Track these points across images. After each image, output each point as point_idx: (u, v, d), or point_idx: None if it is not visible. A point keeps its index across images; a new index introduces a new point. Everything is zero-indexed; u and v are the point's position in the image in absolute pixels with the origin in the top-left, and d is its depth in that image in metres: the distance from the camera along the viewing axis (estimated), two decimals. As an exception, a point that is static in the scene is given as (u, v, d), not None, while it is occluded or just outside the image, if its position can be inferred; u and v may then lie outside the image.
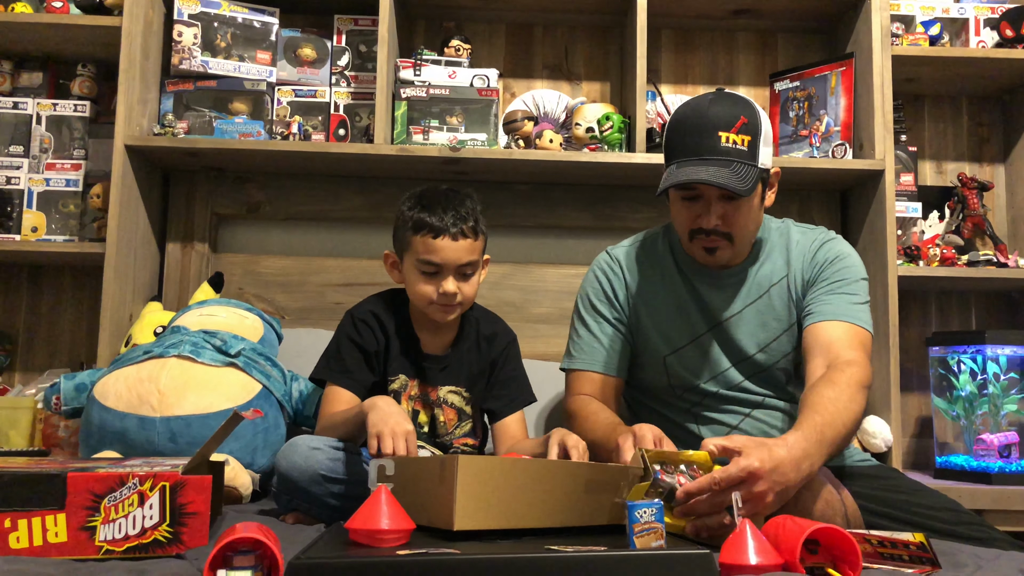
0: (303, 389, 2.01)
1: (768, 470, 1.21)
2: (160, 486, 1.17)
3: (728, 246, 1.64)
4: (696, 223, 1.62)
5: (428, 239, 1.64)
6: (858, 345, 1.56)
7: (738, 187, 1.52)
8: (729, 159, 1.54)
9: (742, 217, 1.61)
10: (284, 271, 2.49)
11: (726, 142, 1.54)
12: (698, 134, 1.56)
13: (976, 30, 2.48)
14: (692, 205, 1.62)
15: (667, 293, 1.73)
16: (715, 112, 1.57)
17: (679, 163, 1.58)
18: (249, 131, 2.32)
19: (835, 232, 1.77)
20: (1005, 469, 2.15)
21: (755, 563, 1.04)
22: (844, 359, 1.51)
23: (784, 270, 1.72)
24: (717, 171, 1.53)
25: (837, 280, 1.66)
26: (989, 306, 2.63)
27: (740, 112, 1.57)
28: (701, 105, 1.60)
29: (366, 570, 0.96)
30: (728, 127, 1.55)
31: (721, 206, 1.59)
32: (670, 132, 1.63)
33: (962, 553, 1.26)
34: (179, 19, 2.34)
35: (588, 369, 1.74)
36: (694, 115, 1.59)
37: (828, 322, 1.60)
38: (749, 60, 2.67)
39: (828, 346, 1.55)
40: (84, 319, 2.52)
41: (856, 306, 1.63)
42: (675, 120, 1.63)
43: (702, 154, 1.55)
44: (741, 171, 1.54)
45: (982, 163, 2.69)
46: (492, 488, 1.13)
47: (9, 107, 2.41)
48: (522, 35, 2.66)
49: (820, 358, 1.55)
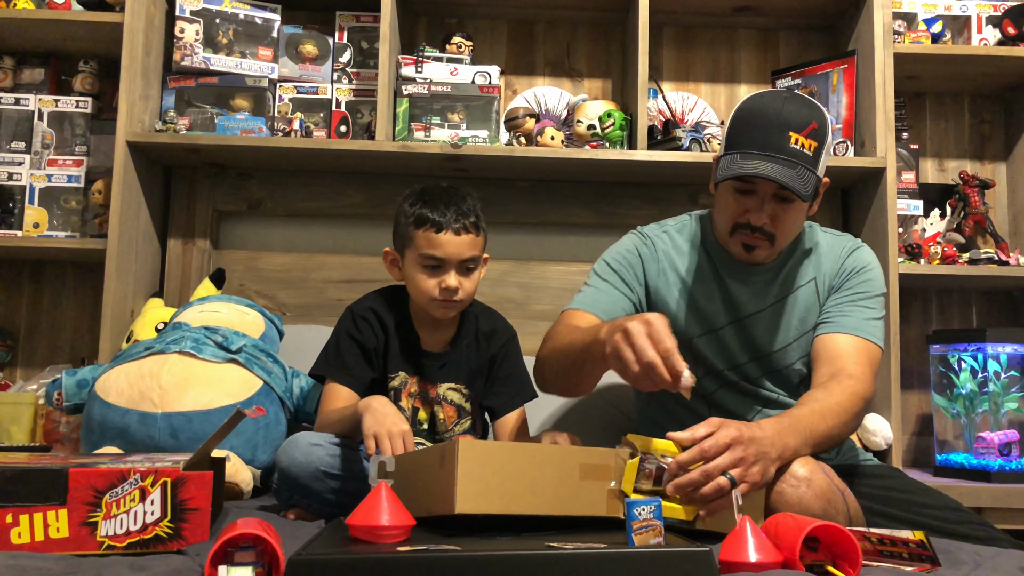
0: (304, 385, 2.01)
1: (747, 438, 1.25)
2: (161, 482, 1.17)
3: (768, 246, 1.62)
4: (744, 217, 1.59)
5: (431, 234, 1.64)
6: (865, 361, 1.57)
7: (800, 190, 1.49)
8: (795, 161, 1.51)
9: (790, 220, 1.59)
10: (285, 267, 2.49)
11: (795, 143, 1.51)
12: (767, 130, 1.53)
13: (978, 28, 2.48)
14: (743, 199, 1.59)
15: (694, 281, 1.71)
16: (788, 111, 1.53)
17: (743, 154, 1.54)
18: (251, 128, 2.32)
19: (860, 240, 1.76)
20: (1005, 467, 2.15)
21: (755, 560, 1.05)
22: (847, 372, 1.52)
23: (812, 274, 1.70)
24: (782, 170, 1.50)
25: (858, 292, 1.66)
26: (990, 304, 2.63)
27: (813, 117, 1.54)
28: (775, 102, 1.56)
29: (366, 566, 0.96)
30: (799, 129, 1.52)
31: (772, 206, 1.57)
32: (737, 122, 1.59)
33: (962, 551, 1.26)
34: (181, 15, 2.34)
35: (584, 309, 1.67)
36: (767, 110, 1.55)
37: (840, 335, 1.60)
38: (751, 57, 2.67)
39: (835, 358, 1.56)
40: (85, 315, 2.52)
41: (871, 322, 1.63)
42: (744, 111, 1.59)
43: (769, 150, 1.52)
44: (804, 176, 1.51)
45: (983, 161, 2.69)
46: (492, 472, 1.13)
47: (11, 103, 2.41)
48: (524, 32, 2.66)
49: (826, 368, 1.56)
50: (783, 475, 1.35)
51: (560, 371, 1.56)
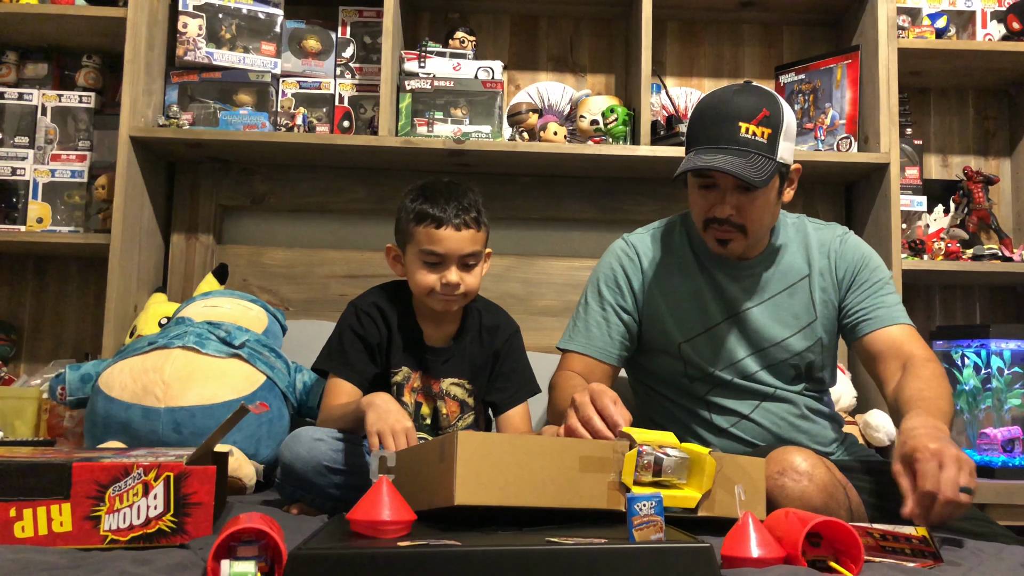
0: (307, 380, 2.02)
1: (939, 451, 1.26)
2: (165, 476, 1.17)
3: (741, 238, 1.63)
4: (711, 212, 1.62)
5: (431, 229, 1.64)
6: (921, 343, 1.63)
7: (751, 177, 1.51)
8: (746, 150, 1.54)
9: (757, 210, 1.61)
10: (288, 262, 2.49)
11: (745, 132, 1.54)
12: (718, 123, 1.56)
13: (983, 23, 2.47)
14: (708, 194, 1.61)
15: (684, 281, 1.73)
16: (738, 103, 1.56)
17: (697, 150, 1.58)
18: (254, 123, 2.32)
19: (846, 228, 1.79)
20: (1008, 463, 2.15)
21: (757, 556, 1.05)
22: (920, 356, 1.58)
23: (805, 268, 1.72)
24: (732, 160, 1.52)
25: (876, 281, 1.71)
26: (993, 300, 2.63)
27: (763, 105, 1.56)
28: (725, 95, 1.59)
29: (367, 561, 0.97)
30: (749, 118, 1.54)
31: (736, 197, 1.59)
32: (692, 120, 1.63)
33: (964, 547, 1.26)
34: (184, 10, 2.34)
35: (582, 352, 1.74)
36: (717, 104, 1.59)
37: (887, 328, 1.65)
38: (755, 52, 2.66)
39: (899, 348, 1.61)
40: (89, 310, 2.52)
41: (901, 307, 1.69)
42: (698, 108, 1.63)
43: (720, 143, 1.55)
44: (757, 163, 1.53)
45: (988, 157, 2.68)
46: (491, 463, 1.13)
47: (14, 98, 2.41)
48: (527, 27, 2.66)
49: (894, 362, 1.60)
50: (785, 469, 1.35)
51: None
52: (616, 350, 1.74)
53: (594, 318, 1.75)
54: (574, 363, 1.74)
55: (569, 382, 1.67)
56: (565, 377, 1.70)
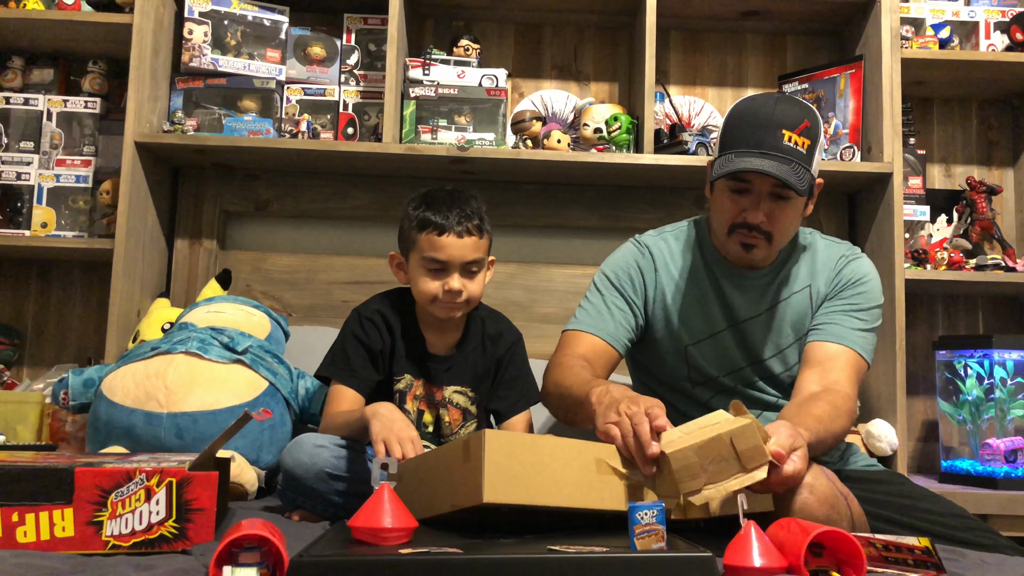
0: (309, 386, 2.02)
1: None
2: (167, 482, 1.17)
3: (765, 245, 1.63)
4: (741, 216, 1.61)
5: (433, 236, 1.65)
6: (852, 374, 1.60)
7: (798, 185, 1.51)
8: (789, 158, 1.53)
9: (787, 218, 1.61)
10: (292, 269, 2.49)
11: (788, 141, 1.54)
12: (761, 128, 1.55)
13: (986, 33, 2.47)
14: (739, 199, 1.60)
15: (692, 286, 1.72)
16: (781, 110, 1.56)
17: (737, 153, 1.56)
18: (258, 129, 2.33)
19: (860, 249, 1.77)
20: (1011, 474, 2.15)
21: (759, 565, 1.04)
22: (842, 390, 1.55)
23: (807, 280, 1.71)
24: (778, 166, 1.52)
25: (852, 303, 1.67)
26: (996, 310, 2.62)
27: (805, 115, 1.57)
28: (767, 102, 1.59)
29: (368, 568, 0.97)
30: (792, 127, 1.54)
31: (769, 204, 1.58)
32: (729, 124, 1.62)
33: (967, 558, 1.26)
34: (189, 17, 2.35)
35: (592, 332, 1.70)
36: (760, 110, 1.58)
37: (830, 343, 1.62)
38: (758, 62, 2.67)
39: (823, 364, 1.59)
40: (92, 315, 2.53)
41: (862, 333, 1.64)
42: (737, 112, 1.62)
43: (762, 148, 1.54)
44: (799, 172, 1.53)
45: (991, 167, 2.68)
46: (518, 462, 1.14)
47: (20, 103, 2.42)
48: (531, 35, 2.66)
49: (815, 373, 1.58)
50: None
51: (559, 408, 1.63)
52: (623, 337, 1.71)
53: (604, 304, 1.73)
54: (579, 344, 1.69)
55: (572, 361, 1.63)
56: (568, 357, 1.65)
